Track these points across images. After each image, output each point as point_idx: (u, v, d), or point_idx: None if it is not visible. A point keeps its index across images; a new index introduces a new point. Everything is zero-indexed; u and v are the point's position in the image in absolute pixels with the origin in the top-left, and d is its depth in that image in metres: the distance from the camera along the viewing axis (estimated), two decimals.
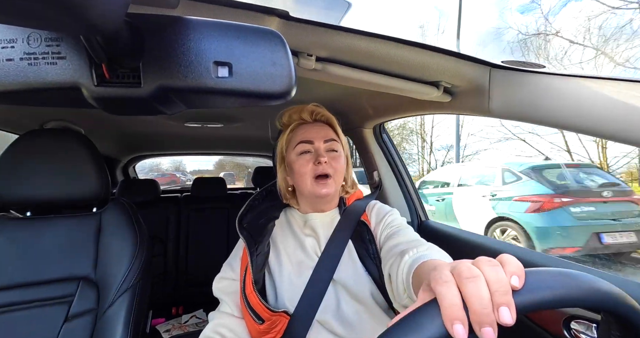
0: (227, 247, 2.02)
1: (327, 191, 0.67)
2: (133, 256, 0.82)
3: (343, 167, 0.72)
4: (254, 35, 0.29)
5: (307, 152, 0.69)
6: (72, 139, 0.83)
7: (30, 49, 0.25)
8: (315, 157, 0.68)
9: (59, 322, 0.74)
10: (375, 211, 0.77)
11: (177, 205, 2.03)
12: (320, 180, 0.68)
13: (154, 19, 0.27)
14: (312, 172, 0.67)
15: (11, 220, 0.80)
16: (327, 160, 0.67)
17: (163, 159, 4.51)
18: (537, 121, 0.62)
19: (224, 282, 0.73)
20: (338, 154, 0.71)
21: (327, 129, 0.73)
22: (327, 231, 0.72)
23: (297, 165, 0.69)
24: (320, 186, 0.67)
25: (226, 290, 0.72)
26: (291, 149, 0.71)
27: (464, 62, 0.64)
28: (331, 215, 0.76)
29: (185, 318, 1.85)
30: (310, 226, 0.73)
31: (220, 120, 1.57)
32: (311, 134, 0.71)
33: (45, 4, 0.17)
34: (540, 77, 0.59)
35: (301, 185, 0.70)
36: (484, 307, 0.25)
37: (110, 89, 0.27)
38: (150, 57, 0.27)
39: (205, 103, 0.31)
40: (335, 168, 0.69)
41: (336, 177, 0.69)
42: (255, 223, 0.73)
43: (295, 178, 0.71)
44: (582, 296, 0.27)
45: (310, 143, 0.70)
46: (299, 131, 0.72)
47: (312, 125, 0.73)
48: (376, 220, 0.74)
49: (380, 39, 0.57)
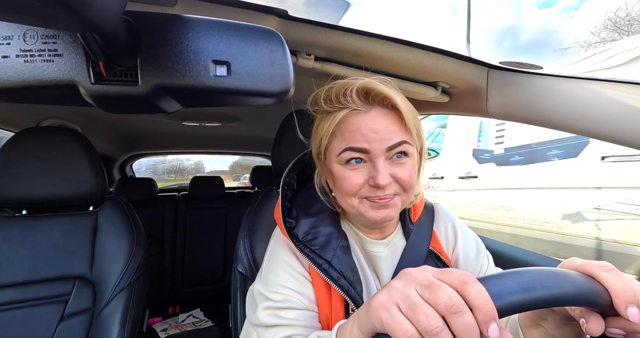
0: (224, 246, 2.01)
1: (386, 215, 0.47)
2: (129, 255, 0.82)
3: (414, 178, 0.48)
4: (252, 34, 0.29)
5: (359, 161, 0.47)
6: (68, 137, 0.82)
7: (27, 46, 0.25)
8: (371, 173, 0.46)
9: (54, 321, 0.74)
10: (452, 233, 0.60)
11: (175, 204, 2.02)
12: (378, 201, 0.47)
13: (152, 17, 0.27)
14: (365, 193, 0.47)
15: (6, 218, 0.80)
16: (391, 179, 0.46)
17: (183, 161, 4.48)
18: (534, 122, 0.62)
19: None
20: (408, 158, 0.48)
21: (392, 121, 0.46)
22: (392, 265, 0.55)
23: (340, 180, 0.48)
24: (378, 210, 0.47)
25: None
26: (333, 153, 0.49)
27: (462, 62, 0.65)
28: (395, 241, 0.57)
29: (182, 318, 1.84)
30: (369, 256, 0.55)
31: (218, 119, 1.57)
32: (366, 134, 0.45)
33: (43, 2, 0.17)
34: (537, 78, 0.59)
35: (345, 205, 0.50)
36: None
37: (107, 87, 0.27)
38: (147, 55, 0.27)
39: (203, 102, 0.31)
40: (404, 183, 0.47)
41: (404, 196, 0.49)
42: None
43: (338, 194, 0.51)
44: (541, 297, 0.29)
45: (365, 152, 0.46)
46: (346, 125, 0.47)
47: (367, 117, 0.46)
48: (465, 258, 0.57)
49: (379, 38, 0.57)
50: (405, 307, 0.28)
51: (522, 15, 13.72)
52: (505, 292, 0.28)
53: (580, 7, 7.89)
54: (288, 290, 0.49)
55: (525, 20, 13.62)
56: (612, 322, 0.31)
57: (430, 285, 0.28)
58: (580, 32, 4.66)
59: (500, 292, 0.28)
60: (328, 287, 0.50)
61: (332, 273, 0.48)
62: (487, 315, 0.25)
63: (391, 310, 0.28)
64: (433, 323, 0.26)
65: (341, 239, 0.52)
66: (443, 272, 0.29)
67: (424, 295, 0.28)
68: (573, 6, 9.04)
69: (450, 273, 0.29)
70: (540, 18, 11.24)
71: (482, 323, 0.26)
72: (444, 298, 0.26)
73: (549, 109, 0.57)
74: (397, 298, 0.29)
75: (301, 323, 0.47)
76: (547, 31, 10.09)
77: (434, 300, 0.27)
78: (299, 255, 0.52)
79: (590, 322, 0.31)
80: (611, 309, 0.30)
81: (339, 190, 0.50)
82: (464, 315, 0.25)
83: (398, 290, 0.29)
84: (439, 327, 0.25)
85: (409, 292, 0.28)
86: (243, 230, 0.87)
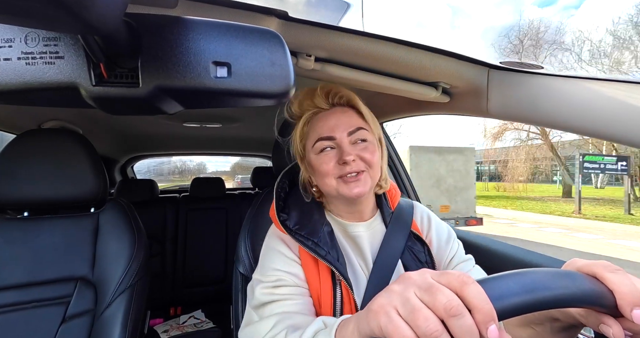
0: (225, 247, 2.02)
1: (359, 191, 0.55)
2: (131, 256, 0.82)
3: (377, 158, 0.59)
4: (253, 35, 0.29)
5: (329, 148, 0.58)
6: (69, 139, 0.82)
7: (28, 49, 0.25)
8: (339, 154, 0.56)
9: (56, 323, 0.74)
10: (427, 221, 0.68)
11: (176, 205, 2.02)
12: (350, 178, 0.56)
13: (153, 19, 0.27)
14: (337, 172, 0.56)
15: (8, 220, 0.80)
16: (355, 157, 0.56)
17: (187, 162, 4.51)
18: (535, 122, 0.62)
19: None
20: (368, 142, 0.58)
21: (349, 114, 0.59)
22: (373, 246, 0.62)
23: (318, 165, 0.58)
24: (351, 186, 0.55)
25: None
26: (309, 147, 0.60)
27: (463, 62, 0.65)
28: (374, 225, 0.64)
29: (183, 319, 1.84)
30: (352, 238, 0.63)
31: (218, 120, 1.57)
32: (330, 126, 0.57)
33: (44, 4, 0.17)
34: (538, 78, 0.59)
35: (326, 187, 0.59)
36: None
37: (108, 88, 0.27)
38: (148, 56, 0.27)
39: (203, 103, 0.31)
40: (369, 161, 0.57)
41: (371, 172, 0.58)
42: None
43: (318, 179, 0.60)
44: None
45: (331, 139, 0.57)
46: (315, 123, 0.60)
47: (330, 113, 0.59)
48: (437, 241, 0.65)
49: (379, 39, 0.57)
50: (405, 311, 0.28)
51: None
52: (507, 293, 0.28)
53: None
54: (280, 272, 0.56)
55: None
56: (620, 323, 0.31)
57: (429, 288, 0.28)
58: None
59: (501, 293, 0.28)
60: (316, 265, 0.57)
61: (320, 251, 0.56)
62: (486, 316, 0.25)
63: (390, 314, 0.28)
64: (432, 327, 0.26)
65: (326, 226, 0.61)
66: (442, 274, 0.29)
67: (423, 298, 0.28)
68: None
69: (449, 275, 0.29)
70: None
71: (481, 325, 0.25)
72: (443, 301, 0.26)
73: (550, 109, 0.57)
74: (396, 302, 0.29)
75: (293, 297, 0.54)
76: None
77: (433, 303, 0.27)
78: (289, 244, 0.60)
79: (613, 327, 0.31)
80: (616, 310, 0.30)
81: (319, 175, 0.59)
82: (462, 318, 0.25)
83: (397, 294, 0.29)
84: (438, 331, 0.25)
85: (408, 295, 0.28)
86: (244, 231, 0.87)
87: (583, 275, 0.32)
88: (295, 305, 0.52)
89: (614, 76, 0.50)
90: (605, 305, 0.30)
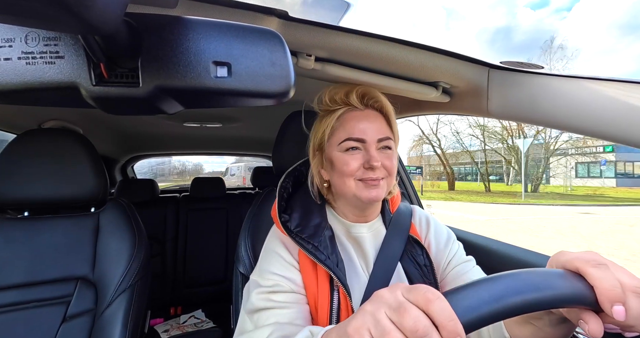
0: (225, 247, 2.02)
1: (376, 195, 0.56)
2: (131, 256, 0.82)
3: (396, 167, 0.60)
4: (253, 35, 0.29)
5: (356, 149, 0.58)
6: (70, 138, 0.82)
7: (29, 48, 0.25)
8: (365, 158, 0.57)
9: (56, 323, 0.74)
10: (425, 224, 0.69)
11: (176, 205, 2.02)
12: (371, 182, 0.57)
13: (153, 19, 0.27)
14: (360, 175, 0.57)
15: (8, 220, 0.80)
16: (381, 164, 0.56)
17: (184, 163, 4.53)
18: (535, 122, 0.62)
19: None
20: (392, 151, 0.60)
21: (381, 121, 0.60)
22: (374, 247, 0.63)
23: (340, 164, 0.58)
24: (370, 189, 0.56)
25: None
26: (334, 142, 0.59)
27: (463, 62, 0.65)
28: (376, 226, 0.66)
29: (183, 319, 1.84)
30: (354, 239, 0.63)
31: (219, 120, 1.57)
32: (363, 128, 0.57)
33: (44, 4, 0.17)
34: (538, 78, 0.59)
35: (343, 187, 0.58)
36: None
37: (108, 88, 0.27)
38: (148, 56, 0.27)
39: (203, 103, 0.31)
40: (389, 169, 0.58)
41: (389, 179, 0.59)
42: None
43: (336, 177, 0.59)
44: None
45: (361, 142, 0.57)
46: (347, 120, 0.59)
47: (362, 115, 0.59)
48: (436, 244, 0.66)
49: (379, 39, 0.57)
50: (377, 333, 0.28)
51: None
52: (475, 303, 0.28)
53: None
54: (278, 277, 0.56)
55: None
56: (604, 318, 0.31)
57: (398, 308, 0.28)
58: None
59: (469, 304, 0.27)
60: (315, 270, 0.57)
61: (320, 255, 0.55)
62: (451, 333, 0.26)
63: (364, 337, 0.28)
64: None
65: (327, 229, 0.60)
66: (411, 290, 0.29)
67: (392, 318, 0.28)
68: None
69: (416, 291, 0.29)
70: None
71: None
72: (410, 323, 0.26)
73: (550, 109, 0.57)
74: (369, 324, 0.29)
75: (289, 305, 0.53)
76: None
77: (402, 324, 0.27)
78: (289, 247, 0.60)
79: (590, 323, 0.31)
80: (598, 306, 0.30)
81: (339, 173, 0.58)
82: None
83: (370, 315, 0.30)
84: None
85: (379, 317, 0.29)
86: (244, 230, 0.87)
87: (561, 273, 0.31)
88: (289, 314, 0.52)
89: (615, 76, 0.50)
90: (585, 302, 0.30)
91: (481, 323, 0.27)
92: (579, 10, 26.63)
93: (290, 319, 0.51)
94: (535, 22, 18.20)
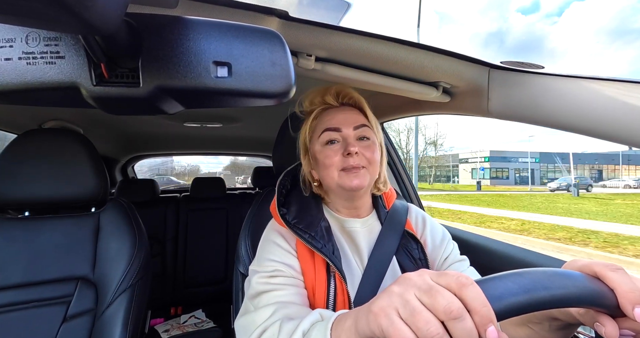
0: (225, 247, 2.02)
1: (359, 182, 0.57)
2: (132, 256, 0.82)
3: (377, 158, 0.61)
4: (253, 35, 0.29)
5: (335, 142, 0.60)
6: (70, 138, 0.82)
7: (29, 49, 0.25)
8: (344, 146, 0.59)
9: (57, 323, 0.74)
10: (421, 221, 0.70)
11: (176, 205, 2.02)
12: (352, 171, 0.58)
13: (153, 19, 0.27)
14: (341, 164, 0.58)
15: (8, 220, 0.80)
16: (359, 151, 0.58)
17: (181, 162, 4.53)
18: (535, 122, 0.62)
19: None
20: (371, 141, 0.61)
21: (356, 114, 0.63)
22: (368, 242, 0.64)
23: (322, 156, 0.60)
24: (351, 177, 0.57)
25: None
26: (315, 139, 0.63)
27: (463, 62, 0.65)
28: (370, 222, 0.67)
29: (184, 319, 1.84)
30: (348, 233, 0.64)
31: (219, 120, 1.57)
32: (338, 119, 0.61)
33: (45, 4, 0.17)
34: (539, 78, 0.59)
35: (327, 179, 0.60)
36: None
37: (108, 88, 0.27)
38: (149, 56, 0.27)
39: (204, 103, 0.31)
40: (369, 159, 0.59)
41: (370, 169, 0.60)
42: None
43: (321, 171, 0.62)
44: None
45: (338, 131, 0.60)
46: (323, 117, 0.63)
47: (338, 110, 0.63)
48: (432, 241, 0.67)
49: (380, 39, 0.57)
50: (405, 313, 0.28)
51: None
52: (506, 293, 0.28)
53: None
54: (276, 263, 0.58)
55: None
56: (621, 322, 0.31)
57: (429, 290, 0.28)
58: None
59: (500, 293, 0.28)
60: (312, 258, 0.58)
61: (316, 244, 0.57)
62: (484, 318, 0.25)
63: (391, 316, 0.28)
64: (433, 330, 0.26)
65: (323, 221, 0.62)
66: (441, 275, 0.29)
67: (423, 300, 0.28)
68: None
69: (448, 276, 0.29)
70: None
71: (480, 326, 0.26)
72: (443, 304, 0.26)
73: (551, 109, 0.57)
74: (397, 304, 0.29)
75: (289, 287, 0.55)
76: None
77: (433, 305, 0.27)
78: (286, 237, 0.62)
79: (607, 326, 0.31)
80: (618, 310, 0.30)
81: (322, 166, 0.61)
82: (463, 320, 0.26)
83: (398, 295, 0.29)
84: (439, 334, 0.26)
85: (408, 297, 0.28)
86: (244, 230, 0.87)
87: (583, 275, 0.32)
88: (290, 295, 0.53)
89: (615, 76, 0.50)
90: (606, 304, 0.30)
91: (509, 314, 0.27)
92: (569, 15, 26.84)
93: (291, 299, 0.53)
94: (526, 26, 18.11)
